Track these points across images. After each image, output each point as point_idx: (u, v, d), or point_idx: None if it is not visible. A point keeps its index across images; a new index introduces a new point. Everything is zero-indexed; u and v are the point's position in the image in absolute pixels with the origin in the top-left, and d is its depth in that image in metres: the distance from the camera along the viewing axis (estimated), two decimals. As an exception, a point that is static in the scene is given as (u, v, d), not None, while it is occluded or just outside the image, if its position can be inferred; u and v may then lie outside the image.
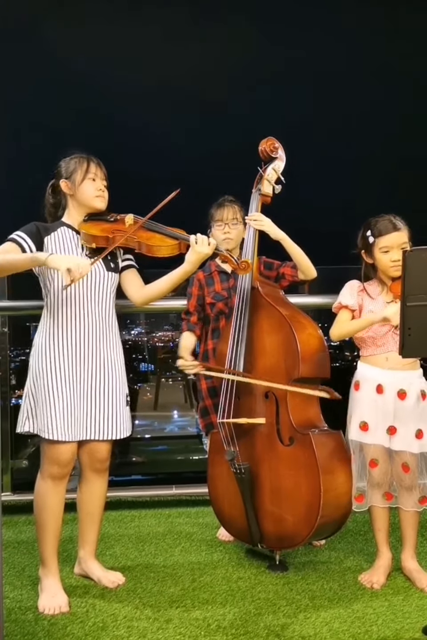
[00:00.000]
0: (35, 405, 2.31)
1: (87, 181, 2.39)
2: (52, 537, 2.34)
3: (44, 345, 2.33)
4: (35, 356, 2.35)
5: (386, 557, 2.48)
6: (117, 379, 2.40)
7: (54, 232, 2.39)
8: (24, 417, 2.34)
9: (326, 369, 2.53)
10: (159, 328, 5.40)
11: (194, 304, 2.79)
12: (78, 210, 2.43)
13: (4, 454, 3.16)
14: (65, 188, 2.42)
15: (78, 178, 2.39)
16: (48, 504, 2.32)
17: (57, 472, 2.30)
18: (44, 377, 2.29)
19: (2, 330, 3.22)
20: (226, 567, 2.59)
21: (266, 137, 2.65)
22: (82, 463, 2.43)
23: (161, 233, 2.39)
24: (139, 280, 2.51)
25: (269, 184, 2.63)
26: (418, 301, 1.77)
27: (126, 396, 2.43)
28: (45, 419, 2.26)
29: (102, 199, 2.42)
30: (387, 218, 2.42)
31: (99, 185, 2.41)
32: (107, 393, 2.36)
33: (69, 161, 2.44)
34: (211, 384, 2.77)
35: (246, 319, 2.54)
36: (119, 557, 2.71)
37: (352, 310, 2.45)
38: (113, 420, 2.37)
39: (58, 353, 2.31)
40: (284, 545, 2.51)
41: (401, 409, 2.36)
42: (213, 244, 2.36)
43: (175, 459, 4.39)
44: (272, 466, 2.46)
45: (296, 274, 2.66)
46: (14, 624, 2.18)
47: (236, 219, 2.74)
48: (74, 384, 2.31)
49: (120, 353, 2.45)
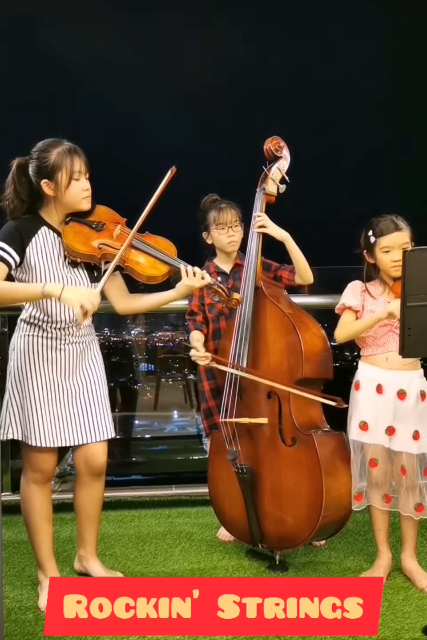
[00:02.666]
0: (19, 411, 2.26)
1: (73, 183, 2.19)
2: (45, 539, 2.33)
3: (24, 349, 2.25)
4: (16, 360, 2.26)
5: (386, 557, 2.48)
6: (101, 379, 2.37)
7: (35, 235, 2.22)
8: (6, 424, 2.26)
9: (329, 369, 2.53)
10: (159, 328, 5.40)
11: (197, 303, 2.79)
12: (61, 211, 2.25)
13: (4, 454, 3.15)
14: (47, 190, 2.20)
15: (63, 180, 2.17)
16: (35, 508, 2.31)
17: (40, 478, 2.30)
18: (26, 382, 2.24)
19: (2, 330, 3.22)
20: (226, 567, 2.59)
21: (271, 136, 2.64)
22: (78, 469, 2.39)
23: (153, 256, 2.25)
24: (122, 287, 2.40)
25: (274, 183, 2.62)
26: (418, 301, 1.77)
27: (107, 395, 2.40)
28: (31, 426, 2.22)
29: (88, 200, 2.24)
30: (389, 218, 2.42)
31: (84, 185, 2.22)
32: (94, 394, 2.33)
33: (46, 154, 2.19)
34: (214, 385, 2.77)
35: (249, 318, 2.54)
36: (119, 557, 2.71)
37: (356, 311, 2.45)
38: (105, 420, 2.34)
39: (39, 356, 2.25)
40: (284, 546, 2.51)
41: (400, 409, 2.36)
42: (206, 280, 2.25)
43: (175, 459, 4.38)
44: (274, 466, 2.46)
45: (293, 278, 2.66)
46: (14, 624, 2.18)
47: (237, 221, 2.75)
48: (57, 388, 2.27)
49: (100, 353, 2.41)
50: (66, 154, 2.20)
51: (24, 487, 2.33)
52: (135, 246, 2.26)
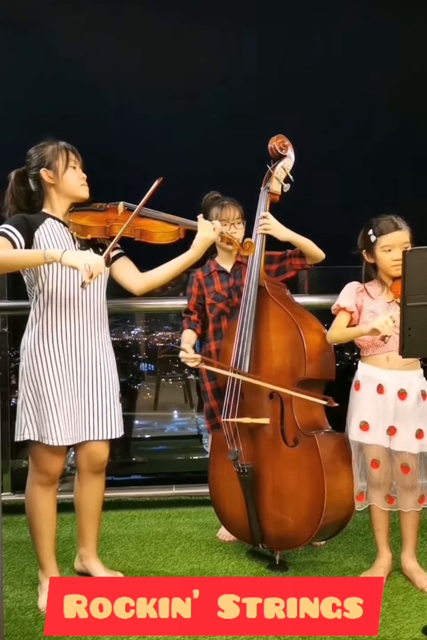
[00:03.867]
0: (34, 412, 2.26)
1: (70, 170, 2.31)
2: (47, 541, 2.34)
3: (36, 348, 2.27)
4: (28, 360, 2.28)
5: (386, 557, 2.48)
6: (111, 378, 2.37)
7: (42, 224, 2.28)
8: (22, 425, 2.28)
9: (332, 370, 2.53)
10: (159, 328, 5.40)
11: (194, 303, 2.79)
12: (62, 201, 2.33)
13: (4, 454, 3.16)
14: (46, 178, 2.29)
15: (60, 167, 2.28)
16: (40, 509, 2.31)
17: (45, 479, 2.29)
18: (40, 382, 2.25)
19: (2, 330, 3.22)
20: (226, 567, 2.59)
21: (276, 135, 2.63)
22: (79, 466, 2.40)
23: (160, 220, 2.35)
24: (133, 268, 2.44)
25: (278, 182, 2.62)
26: (418, 301, 1.77)
27: (119, 393, 2.41)
28: (48, 425, 2.22)
29: (86, 188, 2.35)
30: (388, 218, 2.42)
31: (81, 174, 2.35)
32: (102, 392, 2.34)
33: (43, 149, 2.32)
34: (216, 385, 2.76)
35: (252, 318, 2.53)
36: (119, 557, 2.71)
37: (351, 312, 2.45)
38: (110, 419, 2.35)
39: (52, 355, 2.26)
40: (285, 546, 2.51)
41: (401, 409, 2.36)
42: (218, 228, 2.37)
43: (175, 459, 4.38)
44: (276, 467, 2.46)
45: (305, 261, 2.66)
46: (14, 624, 2.18)
47: (239, 218, 2.74)
48: (70, 385, 2.28)
49: (111, 351, 2.43)
50: (61, 147, 2.33)
51: (29, 488, 2.33)
52: (143, 215, 2.34)
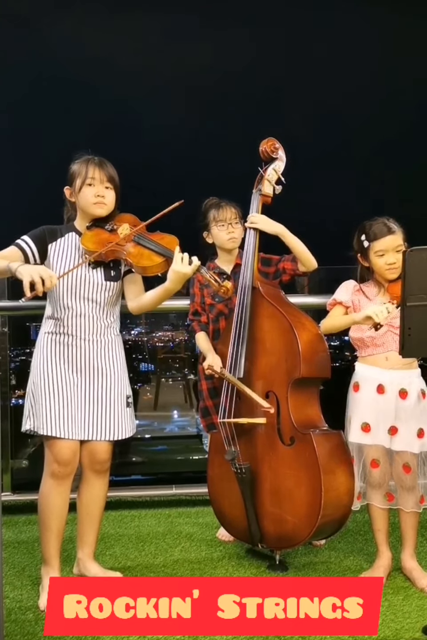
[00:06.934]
0: (34, 404, 2.33)
1: (85, 187, 2.34)
2: (55, 537, 2.34)
3: (44, 346, 2.36)
4: (36, 356, 2.38)
5: (385, 556, 2.48)
6: (117, 381, 2.39)
7: (61, 237, 2.40)
8: (25, 416, 2.37)
9: (327, 369, 2.53)
10: (159, 328, 5.41)
11: (199, 302, 2.80)
12: (82, 215, 2.41)
13: (4, 454, 3.16)
14: (68, 195, 2.42)
15: (77, 185, 2.35)
16: (51, 504, 2.32)
17: (57, 470, 2.30)
18: (42, 375, 2.32)
19: (2, 330, 3.23)
20: (226, 567, 2.59)
21: (267, 138, 2.65)
22: (82, 464, 2.43)
23: (149, 249, 2.31)
24: (137, 287, 2.45)
25: (270, 184, 2.64)
26: (418, 301, 1.77)
27: (127, 397, 2.43)
28: (43, 416, 2.28)
29: (100, 206, 2.35)
30: (381, 221, 2.40)
31: (97, 191, 2.34)
32: (106, 394, 2.36)
33: (73, 165, 2.41)
34: (212, 385, 2.77)
35: (246, 319, 2.54)
36: (119, 557, 2.71)
37: (346, 307, 2.45)
38: (112, 421, 2.37)
39: (57, 354, 2.33)
40: (284, 545, 2.50)
41: (402, 409, 2.36)
42: (195, 265, 2.23)
43: (175, 459, 4.39)
44: (273, 466, 2.46)
45: (297, 266, 2.65)
46: (14, 624, 2.18)
47: (237, 218, 2.75)
48: (73, 384, 2.33)
49: (121, 355, 2.45)
50: (84, 162, 2.38)
51: (43, 482, 2.36)
52: (137, 242, 2.34)
